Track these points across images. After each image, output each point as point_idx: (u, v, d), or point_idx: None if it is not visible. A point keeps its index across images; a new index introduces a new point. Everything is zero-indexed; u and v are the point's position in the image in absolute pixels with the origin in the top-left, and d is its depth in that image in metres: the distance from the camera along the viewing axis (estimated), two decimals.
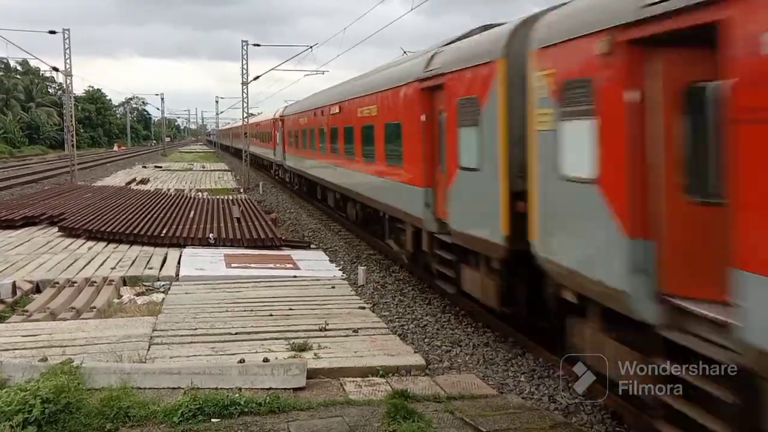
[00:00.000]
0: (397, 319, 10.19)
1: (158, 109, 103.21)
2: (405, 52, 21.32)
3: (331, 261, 14.54)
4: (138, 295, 11.08)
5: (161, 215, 19.09)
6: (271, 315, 9.63)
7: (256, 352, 7.81)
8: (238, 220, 18.52)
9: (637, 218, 5.48)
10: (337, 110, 18.32)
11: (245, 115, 38.08)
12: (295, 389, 6.84)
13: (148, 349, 8.01)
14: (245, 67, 36.13)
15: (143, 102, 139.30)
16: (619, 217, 5.62)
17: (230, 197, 25.59)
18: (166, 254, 14.14)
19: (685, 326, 5.11)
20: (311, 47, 35.07)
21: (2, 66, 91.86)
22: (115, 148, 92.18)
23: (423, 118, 11.00)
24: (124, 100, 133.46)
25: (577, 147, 6.31)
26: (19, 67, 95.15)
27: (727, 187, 4.50)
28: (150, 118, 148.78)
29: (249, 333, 8.74)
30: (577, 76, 6.29)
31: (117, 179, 36.39)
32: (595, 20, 5.98)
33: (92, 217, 18.32)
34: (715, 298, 4.84)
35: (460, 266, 9.78)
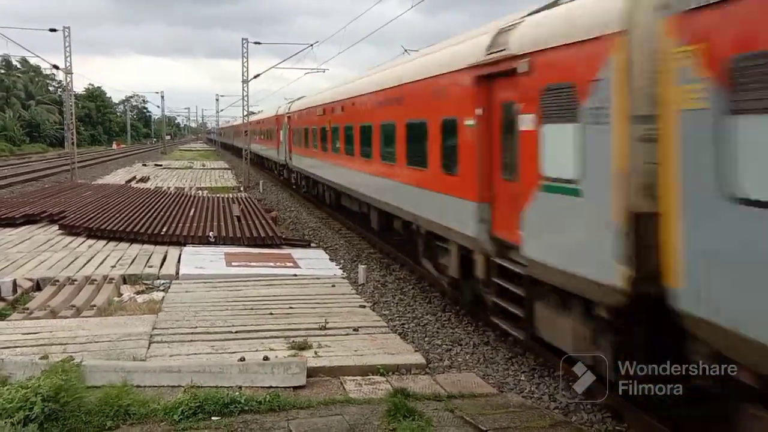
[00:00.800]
0: (397, 318, 10.20)
1: (158, 107, 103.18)
2: (406, 51, 21.32)
3: (331, 259, 14.55)
4: (138, 293, 11.10)
5: (161, 213, 19.10)
6: (272, 313, 9.64)
7: (257, 351, 7.82)
8: (239, 218, 18.53)
9: None
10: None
11: (245, 113, 38.09)
12: (295, 388, 6.85)
13: (149, 348, 8.01)
14: (246, 64, 36.10)
15: (143, 100, 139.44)
16: None
17: (230, 196, 25.60)
18: (167, 252, 14.14)
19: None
20: (312, 45, 35.13)
21: (4, 64, 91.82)
22: (114, 146, 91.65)
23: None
24: (124, 98, 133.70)
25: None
26: (19, 65, 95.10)
27: None
28: (150, 116, 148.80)
29: (249, 331, 8.74)
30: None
31: (117, 177, 36.39)
32: None
33: (92, 215, 18.34)
34: None
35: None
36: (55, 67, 38.06)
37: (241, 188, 31.06)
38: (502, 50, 8.06)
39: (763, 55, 4.32)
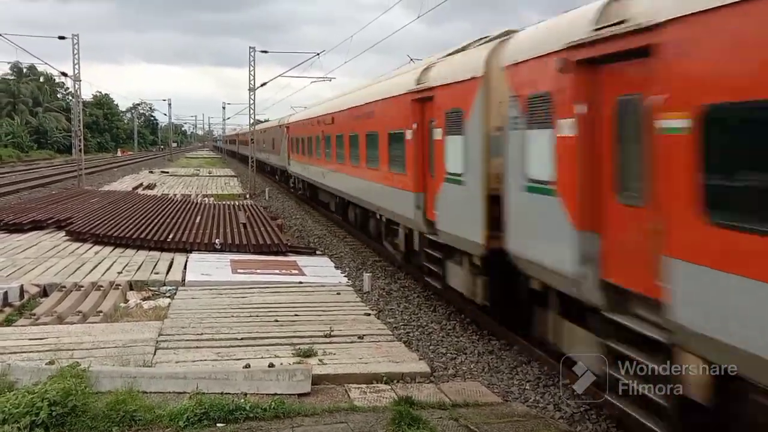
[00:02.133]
0: (402, 326, 10.20)
1: (165, 114, 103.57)
2: (411, 60, 21.41)
3: (336, 267, 14.57)
4: (144, 299, 11.14)
5: (168, 220, 19.17)
6: (277, 321, 9.66)
7: (262, 358, 7.84)
8: (244, 225, 18.59)
9: None
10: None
11: (252, 121, 38.25)
12: (300, 395, 6.86)
13: (154, 354, 8.04)
14: (252, 73, 36.31)
15: (150, 107, 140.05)
16: None
17: (236, 203, 25.68)
18: (173, 259, 14.20)
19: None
20: (318, 54, 35.25)
21: (15, 71, 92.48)
22: (119, 153, 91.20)
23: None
24: (131, 106, 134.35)
25: None
26: (27, 72, 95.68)
27: None
28: (157, 123, 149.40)
29: (254, 338, 8.77)
30: None
31: (124, 184, 36.56)
32: None
33: (99, 221, 18.42)
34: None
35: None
36: (64, 74, 38.38)
37: (247, 196, 31.14)
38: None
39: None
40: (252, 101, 36.77)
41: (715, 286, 4.60)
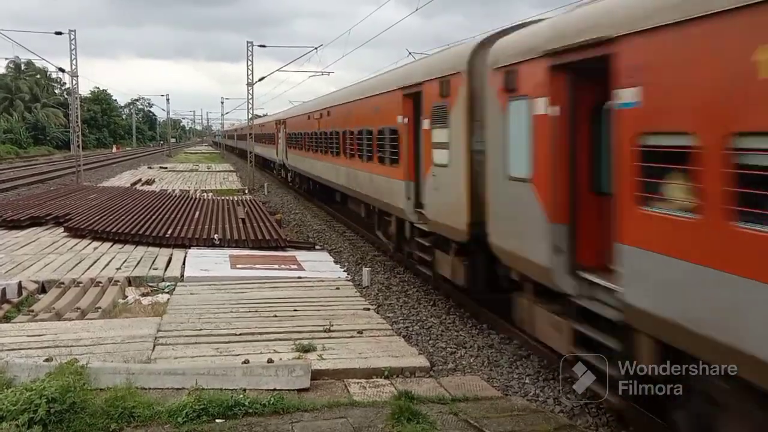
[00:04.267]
0: (401, 321, 10.18)
1: (163, 110, 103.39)
2: (410, 54, 21.35)
3: (335, 262, 14.55)
4: (143, 295, 11.12)
5: (166, 216, 19.13)
6: (276, 316, 9.64)
7: (261, 353, 7.82)
8: (243, 220, 18.55)
9: None
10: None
11: (250, 116, 38.17)
12: (300, 390, 6.85)
13: (153, 350, 8.02)
14: (250, 68, 36.18)
15: (149, 103, 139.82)
16: None
17: (235, 198, 25.65)
18: (171, 255, 14.17)
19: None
20: (316, 48, 35.11)
21: (12, 67, 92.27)
22: (114, 150, 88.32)
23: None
24: (129, 101, 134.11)
25: None
26: (23, 67, 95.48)
27: None
28: (155, 119, 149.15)
29: (253, 334, 8.75)
30: None
31: (122, 180, 36.51)
32: None
33: (98, 217, 18.38)
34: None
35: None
36: (61, 70, 38.23)
37: (246, 191, 31.10)
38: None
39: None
40: (250, 96, 36.65)
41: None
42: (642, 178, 5.34)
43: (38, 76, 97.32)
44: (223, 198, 25.36)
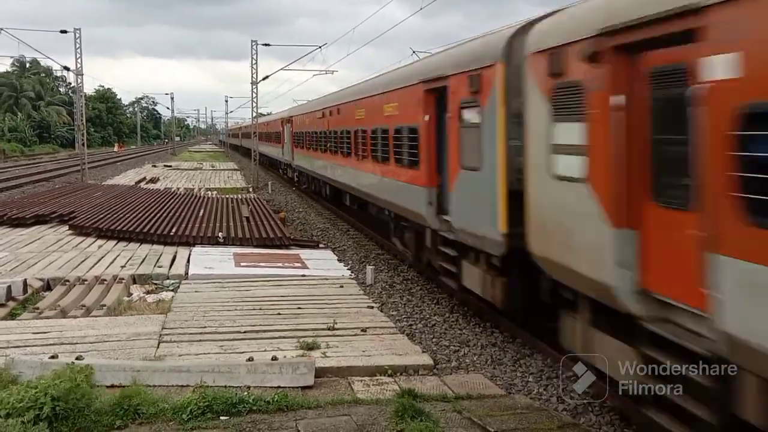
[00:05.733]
0: (405, 319, 10.19)
1: (168, 108, 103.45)
2: (414, 53, 21.35)
3: (339, 260, 14.57)
4: (148, 293, 11.15)
5: (171, 214, 19.18)
6: (280, 314, 9.66)
7: (265, 351, 7.84)
8: (247, 219, 18.58)
9: None
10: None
11: (255, 114, 38.20)
12: (304, 388, 6.87)
13: (158, 347, 8.05)
14: (255, 66, 36.17)
15: (153, 101, 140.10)
16: None
17: (239, 196, 25.68)
18: (176, 253, 14.21)
19: None
20: (320, 47, 35.14)
21: (17, 65, 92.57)
22: (116, 148, 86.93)
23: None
24: (134, 100, 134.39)
25: None
26: (28, 66, 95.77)
27: None
28: (160, 117, 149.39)
29: (258, 331, 8.77)
30: None
31: (127, 178, 36.58)
32: None
33: (102, 215, 18.44)
34: None
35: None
36: (66, 68, 38.37)
37: (250, 189, 31.15)
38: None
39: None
40: (255, 95, 36.67)
41: None
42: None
43: (43, 75, 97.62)
44: (227, 196, 25.39)
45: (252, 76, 36.28)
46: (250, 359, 7.32)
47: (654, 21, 5.09)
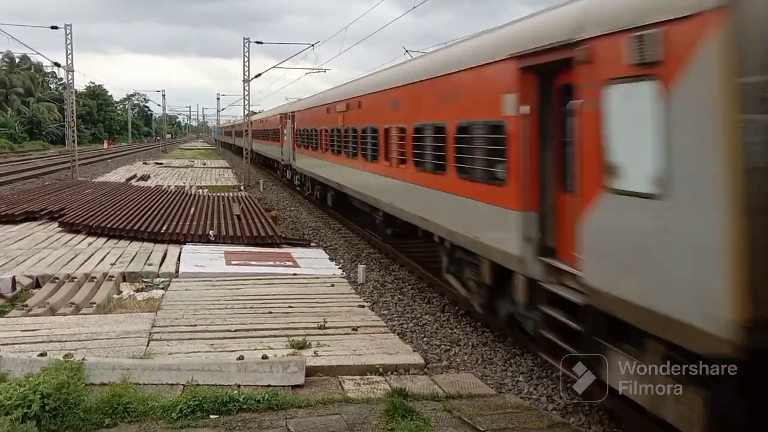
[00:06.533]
0: (396, 318, 10.20)
1: (159, 105, 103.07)
2: (407, 51, 21.35)
3: (330, 259, 14.56)
4: (138, 291, 11.10)
5: (161, 212, 19.11)
6: (271, 312, 9.65)
7: (255, 350, 7.83)
8: (239, 217, 18.54)
9: None
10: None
11: (246, 112, 38.10)
12: (294, 387, 6.86)
13: (148, 345, 8.02)
14: (247, 64, 36.08)
15: (144, 98, 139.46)
16: None
17: (231, 194, 25.62)
18: (166, 251, 14.15)
19: None
20: (313, 46, 35.13)
21: (7, 61, 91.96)
22: (105, 145, 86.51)
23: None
24: (125, 97, 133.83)
25: None
26: (17, 62, 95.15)
27: None
28: (151, 114, 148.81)
29: (248, 330, 8.75)
30: None
31: (117, 175, 36.40)
32: None
33: (92, 212, 18.34)
34: None
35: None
36: (57, 64, 38.19)
37: (242, 187, 31.07)
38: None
39: None
40: (247, 92, 36.58)
41: None
42: None
43: (33, 71, 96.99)
44: (218, 194, 25.33)
45: (244, 74, 36.21)
46: (241, 358, 7.30)
47: None
